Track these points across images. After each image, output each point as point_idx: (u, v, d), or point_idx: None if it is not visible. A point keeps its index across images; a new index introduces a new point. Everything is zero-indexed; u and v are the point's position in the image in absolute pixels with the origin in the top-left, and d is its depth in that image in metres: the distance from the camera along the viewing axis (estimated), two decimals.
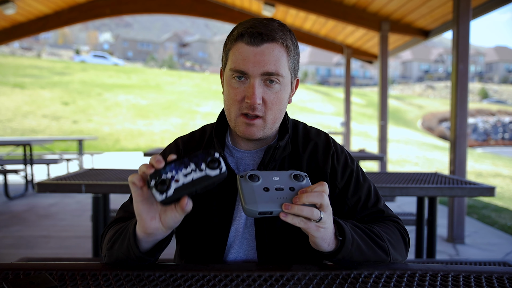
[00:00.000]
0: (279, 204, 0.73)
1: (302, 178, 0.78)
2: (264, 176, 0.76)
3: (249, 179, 0.75)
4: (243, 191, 0.74)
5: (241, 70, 0.89)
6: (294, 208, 0.71)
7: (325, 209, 0.74)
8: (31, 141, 5.47)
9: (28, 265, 0.85)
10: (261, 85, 0.89)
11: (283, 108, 0.95)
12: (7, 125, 15.72)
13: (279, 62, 0.89)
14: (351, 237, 0.81)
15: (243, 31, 0.89)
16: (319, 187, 0.74)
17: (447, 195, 2.05)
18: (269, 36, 0.88)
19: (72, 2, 6.71)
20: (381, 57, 6.04)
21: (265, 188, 0.75)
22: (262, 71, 0.88)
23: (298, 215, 0.72)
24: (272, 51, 0.88)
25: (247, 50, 0.88)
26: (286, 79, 0.92)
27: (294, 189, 0.75)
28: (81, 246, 3.45)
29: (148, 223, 0.76)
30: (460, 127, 3.82)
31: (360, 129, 19.50)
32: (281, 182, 0.76)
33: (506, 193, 6.60)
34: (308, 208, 0.72)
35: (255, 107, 0.89)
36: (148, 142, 14.83)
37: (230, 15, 7.20)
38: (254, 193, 0.74)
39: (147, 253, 0.82)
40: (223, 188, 0.96)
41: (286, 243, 0.96)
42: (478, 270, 0.85)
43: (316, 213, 0.73)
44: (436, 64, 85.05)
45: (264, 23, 0.90)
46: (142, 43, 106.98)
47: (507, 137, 30.95)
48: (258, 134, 0.93)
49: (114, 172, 2.44)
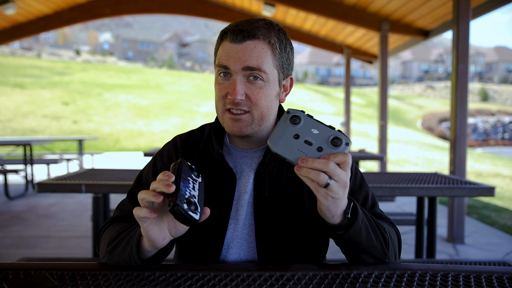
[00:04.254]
0: (296, 156, 0.73)
1: (339, 144, 0.74)
2: (305, 124, 0.75)
3: (290, 119, 0.75)
4: (278, 126, 0.75)
5: (224, 65, 0.90)
6: (303, 168, 0.72)
7: (336, 178, 0.73)
8: (31, 141, 5.47)
9: (28, 265, 0.85)
10: (243, 82, 0.90)
11: (271, 105, 0.95)
12: (7, 125, 15.73)
13: (261, 58, 0.90)
14: (362, 216, 0.82)
15: (227, 29, 0.92)
16: (340, 157, 0.73)
17: (447, 195, 2.05)
18: (251, 33, 0.89)
19: (72, 2, 6.71)
20: (381, 57, 6.04)
21: (295, 135, 0.74)
22: (243, 66, 0.89)
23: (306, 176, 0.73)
24: (254, 47, 0.89)
25: (230, 47, 0.90)
26: (270, 76, 0.92)
27: (322, 150, 0.73)
28: (81, 246, 3.45)
29: (161, 242, 0.78)
30: (460, 127, 3.82)
31: (360, 129, 19.51)
32: (315, 137, 0.74)
33: (506, 193, 6.60)
34: (315, 171, 0.72)
35: (238, 102, 0.90)
36: (148, 142, 14.83)
37: (230, 15, 7.20)
38: (282, 135, 0.74)
39: (149, 261, 0.82)
40: (221, 187, 0.97)
41: (286, 245, 0.96)
42: (478, 270, 0.85)
43: (322, 177, 0.72)
44: (436, 64, 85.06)
45: (250, 21, 0.92)
46: (142, 43, 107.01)
47: (507, 137, 30.95)
48: (245, 129, 0.93)
49: (114, 172, 2.44)
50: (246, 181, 0.98)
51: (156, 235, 0.76)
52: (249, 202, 0.97)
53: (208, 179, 0.97)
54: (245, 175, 0.98)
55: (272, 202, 0.95)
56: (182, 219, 0.71)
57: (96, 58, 72.39)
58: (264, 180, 0.96)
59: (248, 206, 0.97)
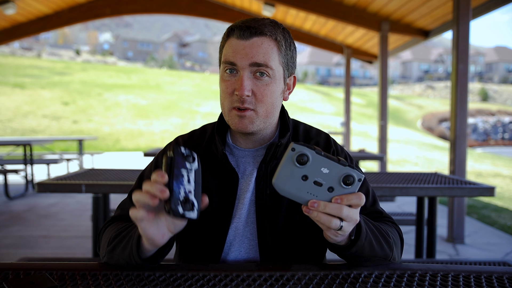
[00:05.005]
0: (306, 198, 0.70)
1: (352, 181, 0.69)
2: (314, 163, 0.68)
3: (296, 159, 0.68)
4: (282, 166, 0.69)
5: (231, 61, 0.91)
6: (313, 212, 0.70)
7: (348, 219, 0.72)
8: (31, 141, 5.47)
9: (28, 265, 0.85)
10: (250, 78, 0.91)
11: (276, 102, 0.95)
12: (7, 125, 15.73)
13: (268, 55, 0.90)
14: (365, 233, 0.81)
15: (233, 26, 0.92)
16: (353, 200, 0.70)
17: (447, 195, 2.05)
18: (258, 29, 0.90)
19: (72, 2, 6.71)
20: (381, 57, 6.04)
21: (304, 176, 0.69)
22: (251, 62, 0.89)
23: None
24: (261, 44, 0.90)
25: (237, 44, 0.90)
26: (276, 72, 0.93)
27: (333, 190, 0.69)
28: (81, 246, 3.45)
29: (160, 240, 0.77)
30: (460, 127, 3.82)
31: (360, 129, 19.51)
32: (325, 177, 0.69)
33: (506, 193, 6.60)
34: (326, 216, 0.70)
35: (244, 99, 0.90)
36: (148, 142, 14.84)
37: (230, 15, 7.20)
38: (290, 176, 0.69)
39: (149, 260, 0.82)
40: (223, 186, 0.97)
41: (288, 242, 0.96)
42: (478, 270, 0.85)
43: (334, 223, 0.71)
44: (436, 64, 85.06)
45: (255, 19, 0.93)
46: (142, 43, 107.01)
47: (507, 137, 30.96)
48: (250, 127, 0.93)
49: (114, 172, 2.44)
50: (249, 179, 0.98)
51: (155, 233, 0.75)
52: (251, 200, 0.97)
53: (211, 178, 0.97)
54: (248, 173, 0.99)
55: (274, 200, 0.95)
56: (180, 218, 0.72)
57: (96, 58, 72.38)
58: (266, 178, 0.96)
59: (250, 204, 0.97)
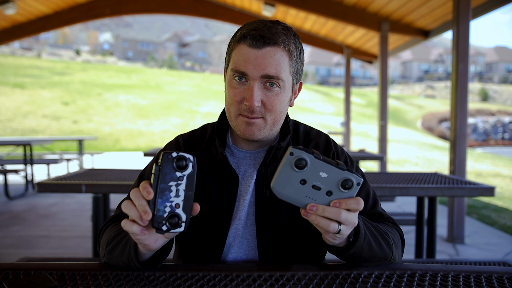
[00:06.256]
0: (304, 202, 0.70)
1: (350, 186, 0.69)
2: (312, 167, 0.68)
3: (294, 163, 0.67)
4: (280, 170, 0.68)
5: (241, 71, 0.89)
6: (312, 216, 0.70)
7: (346, 223, 0.72)
8: (31, 141, 5.47)
9: (28, 265, 0.85)
10: (260, 88, 0.89)
11: (284, 110, 0.95)
12: (7, 125, 15.72)
13: (280, 66, 0.89)
14: (364, 234, 0.81)
15: (246, 32, 0.89)
16: (352, 205, 0.71)
17: (447, 195, 2.05)
18: (271, 39, 0.87)
19: (72, 2, 6.71)
20: (381, 57, 6.04)
21: (302, 180, 0.69)
22: (262, 74, 0.88)
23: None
24: (273, 54, 0.88)
25: (248, 52, 0.88)
26: (286, 83, 0.92)
27: (332, 194, 0.70)
28: (81, 246, 3.45)
29: (153, 246, 0.76)
30: (460, 127, 3.82)
31: (360, 129, 19.51)
32: (324, 181, 0.69)
33: (506, 193, 6.60)
34: (325, 220, 0.71)
35: (253, 109, 0.89)
36: (148, 142, 14.84)
37: (230, 15, 7.20)
38: (288, 180, 0.69)
39: (148, 264, 0.82)
40: (223, 188, 0.97)
41: (287, 244, 0.96)
42: (478, 270, 0.85)
43: (333, 227, 0.71)
44: (436, 64, 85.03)
45: (268, 26, 0.89)
46: (142, 43, 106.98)
47: (507, 137, 30.95)
48: (257, 134, 0.93)
49: (114, 172, 2.44)
50: (248, 181, 0.98)
51: (146, 239, 0.74)
52: (250, 202, 0.97)
53: (211, 179, 0.97)
54: (248, 175, 0.99)
55: (273, 202, 0.95)
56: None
57: (96, 58, 72.35)
58: (265, 180, 0.96)
59: (250, 205, 0.97)
